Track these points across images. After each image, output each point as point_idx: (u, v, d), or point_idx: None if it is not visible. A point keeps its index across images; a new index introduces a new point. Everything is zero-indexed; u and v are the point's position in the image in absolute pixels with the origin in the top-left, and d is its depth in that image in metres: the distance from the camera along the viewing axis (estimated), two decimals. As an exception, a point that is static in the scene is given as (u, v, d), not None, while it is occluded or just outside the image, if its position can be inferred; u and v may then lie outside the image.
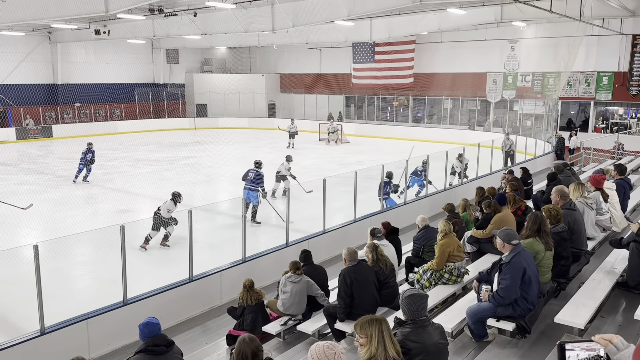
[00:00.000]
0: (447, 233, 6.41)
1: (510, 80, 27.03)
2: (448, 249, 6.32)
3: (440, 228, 6.50)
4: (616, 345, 1.75)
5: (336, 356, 2.82)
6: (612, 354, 1.75)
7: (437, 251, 6.36)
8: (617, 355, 1.74)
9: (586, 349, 1.76)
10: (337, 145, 26.86)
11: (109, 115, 32.00)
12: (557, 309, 5.01)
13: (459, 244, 6.53)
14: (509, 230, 4.93)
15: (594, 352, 1.76)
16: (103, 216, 12.31)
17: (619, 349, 1.75)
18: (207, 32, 22.29)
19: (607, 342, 1.77)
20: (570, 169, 10.90)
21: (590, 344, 1.77)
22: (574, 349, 1.75)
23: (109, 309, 6.78)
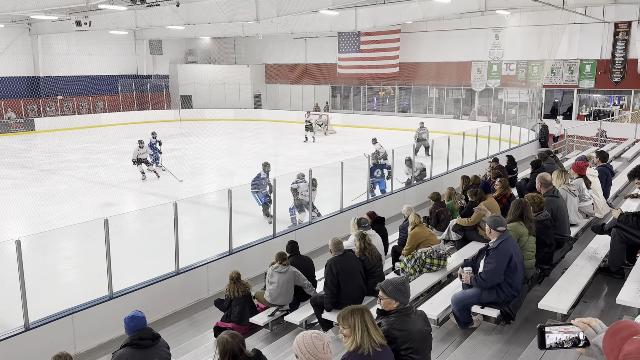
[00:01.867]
0: (417, 224, 6.64)
1: (494, 69, 27.15)
2: (416, 238, 6.54)
3: (411, 220, 6.73)
4: (595, 329, 1.78)
5: (325, 347, 2.82)
6: (590, 336, 1.78)
7: (407, 240, 6.64)
8: (596, 338, 1.77)
9: (565, 332, 1.78)
10: (324, 136, 26.81)
11: (92, 107, 31.61)
12: (541, 295, 5.07)
13: (430, 233, 6.67)
14: (496, 217, 4.98)
15: (572, 334, 1.79)
16: (87, 210, 12.18)
17: (597, 332, 1.77)
18: (191, 22, 22.03)
19: (586, 325, 1.79)
20: (554, 156, 11.00)
21: (569, 327, 1.80)
22: (553, 332, 1.78)
23: (95, 304, 6.74)
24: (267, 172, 12.24)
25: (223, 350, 3.41)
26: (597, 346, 1.76)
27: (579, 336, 1.78)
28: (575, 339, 1.78)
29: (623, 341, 1.64)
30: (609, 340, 1.68)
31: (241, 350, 3.42)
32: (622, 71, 23.26)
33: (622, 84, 23.43)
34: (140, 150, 16.63)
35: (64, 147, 22.24)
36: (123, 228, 10.18)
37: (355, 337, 3.15)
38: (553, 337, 1.78)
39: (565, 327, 1.80)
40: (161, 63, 34.92)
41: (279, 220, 9.59)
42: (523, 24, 24.94)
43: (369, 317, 3.22)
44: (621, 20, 22.71)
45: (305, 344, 2.82)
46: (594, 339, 1.77)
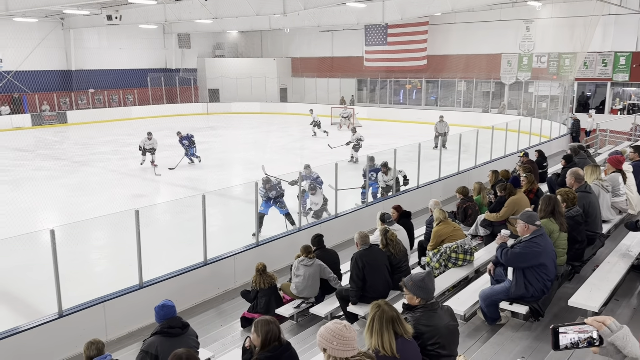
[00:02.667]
0: (442, 220, 6.57)
1: (525, 62, 26.60)
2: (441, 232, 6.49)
3: (435, 216, 6.68)
4: (609, 327, 1.74)
5: (346, 328, 2.79)
6: (605, 335, 1.74)
7: (431, 236, 6.60)
8: (611, 337, 1.73)
9: (579, 332, 1.75)
10: (349, 130, 26.71)
11: (122, 100, 32.18)
12: (571, 292, 4.98)
13: (454, 227, 6.59)
14: (531, 212, 4.88)
15: (587, 334, 1.75)
16: (119, 201, 12.45)
17: (612, 331, 1.73)
18: (219, 16, 22.19)
19: (601, 324, 1.75)
20: (586, 151, 10.76)
21: (583, 327, 1.76)
22: (567, 332, 1.75)
23: (125, 292, 6.90)
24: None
25: (267, 329, 3.49)
26: (613, 345, 1.73)
27: (593, 335, 1.75)
28: (590, 338, 1.75)
29: None
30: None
31: (279, 336, 3.51)
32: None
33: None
34: (148, 141, 17.00)
35: (96, 140, 22.74)
36: (153, 219, 10.39)
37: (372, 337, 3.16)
38: (567, 338, 1.75)
39: (579, 327, 1.76)
40: (189, 57, 35.30)
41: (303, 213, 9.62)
42: (555, 16, 24.36)
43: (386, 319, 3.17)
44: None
45: (327, 331, 2.81)
46: (609, 338, 1.73)
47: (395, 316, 3.22)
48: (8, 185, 14.83)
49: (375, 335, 3.14)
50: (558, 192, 5.84)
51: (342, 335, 2.77)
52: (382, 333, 3.14)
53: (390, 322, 3.17)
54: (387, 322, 3.17)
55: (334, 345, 2.76)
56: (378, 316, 3.19)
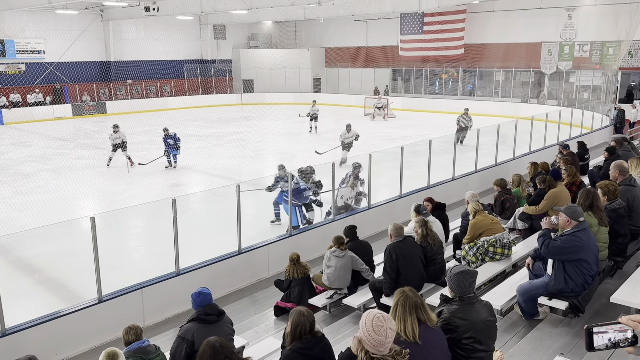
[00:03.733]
0: (478, 211, 6.43)
1: (566, 50, 25.77)
2: (476, 227, 6.34)
3: (469, 209, 6.55)
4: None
5: (382, 330, 2.81)
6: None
7: (468, 229, 6.45)
8: None
9: (614, 331, 1.68)
10: (382, 121, 26.52)
11: (159, 91, 32.76)
12: (613, 289, 4.83)
13: (492, 219, 6.42)
14: (575, 207, 4.73)
15: (622, 333, 1.67)
16: (156, 190, 12.71)
17: None
18: (254, 7, 22.28)
19: (637, 323, 1.67)
20: (630, 143, 10.37)
21: (618, 326, 1.68)
22: (602, 332, 1.68)
23: (162, 279, 7.03)
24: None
25: (297, 321, 3.51)
26: None
27: (628, 335, 1.67)
28: (625, 338, 1.67)
29: None
30: None
31: (312, 327, 3.51)
32: None
33: None
34: (114, 135, 16.10)
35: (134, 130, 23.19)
36: (188, 208, 10.56)
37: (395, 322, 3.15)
38: (602, 338, 1.68)
39: (613, 327, 1.68)
40: (224, 48, 35.61)
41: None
42: (598, 3, 23.49)
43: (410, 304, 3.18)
44: None
45: (365, 323, 2.85)
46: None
47: (420, 303, 3.23)
48: (51, 173, 15.33)
49: (398, 320, 3.16)
50: (598, 185, 5.66)
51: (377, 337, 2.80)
52: (405, 318, 3.15)
53: (414, 308, 3.18)
54: (411, 307, 3.18)
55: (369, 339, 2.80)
56: (402, 301, 3.21)
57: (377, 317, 2.83)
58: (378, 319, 2.81)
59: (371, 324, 2.81)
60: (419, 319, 3.18)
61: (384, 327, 2.81)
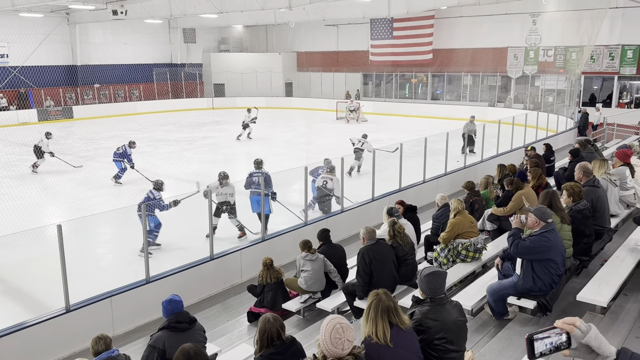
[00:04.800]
0: (460, 211, 6.46)
1: (531, 55, 26.43)
2: (457, 227, 6.38)
3: (453, 206, 6.57)
4: (580, 328, 1.69)
5: (340, 343, 2.86)
6: (578, 337, 1.68)
7: (447, 227, 6.46)
8: (585, 338, 1.67)
9: (551, 336, 1.70)
10: (355, 124, 26.69)
11: (128, 95, 32.22)
12: (579, 287, 4.96)
13: (471, 221, 6.51)
14: (544, 208, 4.84)
15: (558, 337, 1.70)
16: (125, 196, 12.47)
17: (583, 332, 1.68)
18: (224, 11, 22.14)
19: (572, 326, 1.69)
20: (593, 145, 10.68)
21: (555, 330, 1.69)
22: (541, 339, 1.70)
23: (132, 287, 6.91)
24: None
25: (263, 329, 3.51)
26: (587, 345, 1.68)
27: (563, 339, 1.71)
28: (562, 342, 1.71)
29: None
30: None
31: (279, 334, 3.51)
32: (667, 57, 22.33)
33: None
34: (45, 141, 15.72)
35: (101, 135, 22.77)
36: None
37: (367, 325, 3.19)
38: (541, 344, 1.70)
39: (550, 332, 1.71)
40: (195, 52, 35.28)
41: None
42: (562, 9, 24.17)
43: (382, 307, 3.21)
44: (667, 3, 21.75)
45: (324, 333, 2.92)
46: (583, 339, 1.68)
47: (392, 306, 3.26)
48: (15, 180, 14.90)
49: (370, 323, 3.21)
50: (564, 187, 5.82)
51: (333, 347, 2.87)
52: (377, 321, 3.19)
53: (386, 312, 3.22)
54: (383, 311, 3.21)
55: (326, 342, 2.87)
56: (374, 304, 3.25)
57: (336, 328, 2.86)
58: (337, 331, 2.85)
59: (330, 335, 2.86)
60: (390, 322, 3.22)
61: (342, 340, 2.86)
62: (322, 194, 10.46)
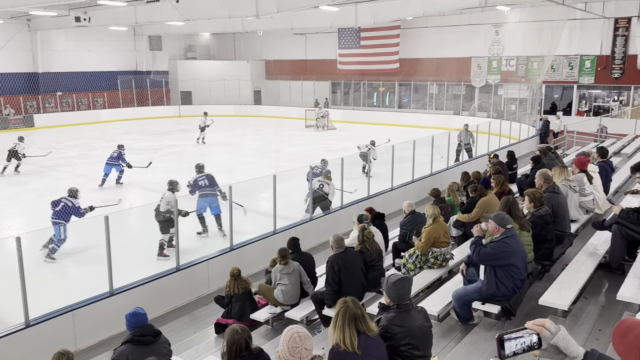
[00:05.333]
0: (436, 217, 6.50)
1: (494, 65, 27.10)
2: (434, 235, 6.42)
3: (429, 212, 6.57)
4: (549, 329, 1.75)
5: (297, 352, 2.88)
6: (547, 338, 1.74)
7: (423, 236, 6.45)
8: (554, 339, 1.73)
9: (521, 337, 1.75)
10: (323, 132, 26.80)
11: (91, 103, 31.55)
12: (542, 291, 5.07)
13: (445, 230, 6.59)
14: (503, 214, 4.95)
15: (528, 338, 1.75)
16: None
17: (552, 333, 1.74)
18: (190, 18, 21.97)
19: (541, 327, 1.76)
20: (554, 152, 11.00)
21: (525, 331, 1.76)
22: (511, 339, 1.75)
23: (95, 300, 6.74)
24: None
25: (231, 340, 3.48)
26: (556, 346, 1.74)
27: (534, 339, 1.76)
28: (532, 342, 1.76)
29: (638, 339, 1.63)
30: (620, 340, 1.66)
31: (247, 345, 3.49)
32: (621, 67, 23.24)
33: (622, 79, 23.41)
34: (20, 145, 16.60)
35: (63, 144, 22.20)
36: (124, 224, 10.18)
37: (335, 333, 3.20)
38: (512, 344, 1.75)
39: (521, 332, 1.77)
40: (161, 59, 34.85)
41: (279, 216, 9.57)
42: (523, 20, 24.89)
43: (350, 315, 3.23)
44: (621, 16, 22.67)
45: (282, 343, 2.94)
46: (552, 340, 1.74)
47: (360, 313, 3.29)
48: (-28, 191, 14.36)
49: (337, 331, 3.23)
50: (526, 193, 5.96)
51: (293, 346, 2.88)
52: (344, 329, 3.21)
53: (353, 319, 3.24)
54: (350, 318, 3.23)
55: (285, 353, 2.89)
56: (342, 312, 3.27)
57: (293, 337, 2.88)
58: (294, 340, 2.87)
59: (287, 344, 2.88)
60: (358, 329, 3.23)
61: (299, 348, 2.88)
62: (317, 194, 10.80)
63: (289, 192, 11.66)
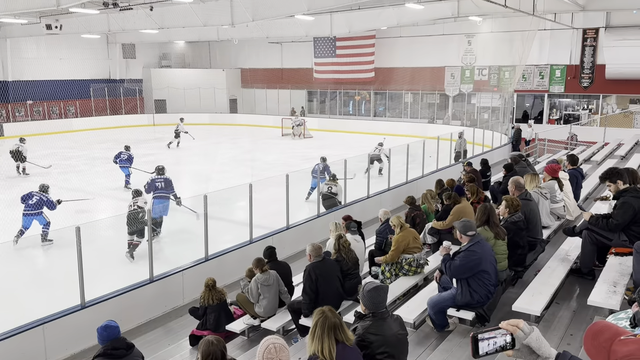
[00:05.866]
0: (403, 225, 6.58)
1: (467, 74, 27.56)
2: (403, 243, 6.48)
3: (395, 223, 6.67)
4: (523, 330, 1.79)
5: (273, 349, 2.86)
6: (520, 338, 1.79)
7: (392, 245, 6.55)
8: (527, 339, 1.78)
9: (496, 336, 1.79)
10: (300, 140, 26.82)
11: (63, 112, 30.97)
12: (515, 297, 5.14)
13: (415, 236, 6.64)
14: (466, 221, 5.03)
15: (503, 338, 1.79)
16: (59, 217, 11.90)
17: (525, 333, 1.79)
18: (165, 27, 21.79)
19: (515, 327, 1.81)
20: (525, 160, 11.20)
21: (499, 331, 1.80)
22: (486, 339, 1.78)
23: (66, 313, 6.58)
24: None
25: (206, 352, 3.42)
26: (528, 347, 1.78)
27: (507, 339, 1.80)
28: (506, 342, 1.80)
29: (609, 342, 1.66)
30: (591, 342, 1.70)
31: (223, 356, 3.45)
32: (590, 76, 23.88)
33: (591, 88, 24.04)
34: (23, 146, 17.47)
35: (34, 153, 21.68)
36: (96, 235, 9.98)
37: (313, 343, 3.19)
38: (486, 344, 1.79)
39: (496, 332, 1.80)
40: (134, 67, 34.46)
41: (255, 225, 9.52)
42: (495, 30, 25.38)
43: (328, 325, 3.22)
44: (589, 26, 23.34)
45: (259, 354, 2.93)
46: (525, 340, 1.78)
47: (338, 323, 3.28)
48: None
49: (316, 341, 3.21)
50: (504, 199, 6.03)
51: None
52: (323, 339, 3.20)
53: (332, 329, 3.23)
54: (329, 328, 3.22)
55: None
56: (320, 322, 3.25)
57: (269, 349, 2.87)
58: (269, 352, 2.87)
59: (262, 355, 2.88)
60: (336, 339, 3.23)
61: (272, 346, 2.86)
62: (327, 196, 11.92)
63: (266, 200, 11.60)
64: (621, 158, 13.44)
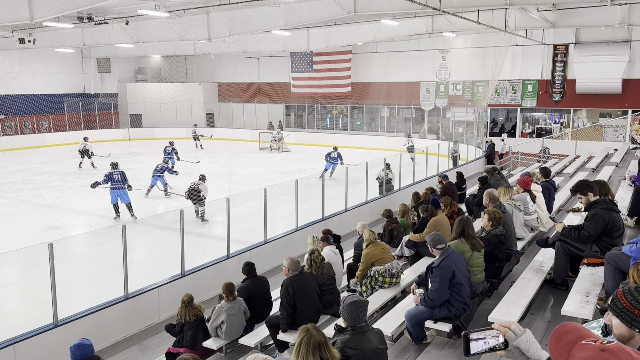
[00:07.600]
0: (372, 241, 6.64)
1: (442, 89, 28.03)
2: (369, 256, 6.56)
3: (366, 237, 6.73)
4: (514, 331, 1.85)
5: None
6: (511, 339, 1.84)
7: (362, 259, 6.63)
8: (517, 340, 1.84)
9: (488, 337, 1.84)
10: (278, 154, 26.82)
11: (36, 127, 30.41)
12: (491, 308, 5.19)
13: (383, 247, 6.69)
14: (435, 235, 5.08)
15: (494, 338, 1.84)
16: (31, 234, 11.63)
17: (517, 335, 1.84)
18: (140, 41, 21.68)
19: (506, 328, 1.86)
20: (499, 172, 11.39)
21: (491, 332, 1.85)
22: (478, 338, 1.83)
23: (38, 332, 6.42)
24: None
25: None
26: (518, 348, 1.84)
27: (500, 340, 1.85)
28: (498, 343, 1.85)
29: (570, 345, 1.69)
30: (555, 343, 1.74)
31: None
32: (561, 91, 24.51)
33: (562, 103, 24.67)
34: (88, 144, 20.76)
35: (6, 169, 21.21)
36: (69, 252, 9.78)
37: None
38: (477, 344, 1.83)
39: (487, 332, 1.85)
40: (110, 81, 34.10)
41: (233, 240, 9.46)
42: (468, 46, 25.94)
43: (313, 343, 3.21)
44: (559, 42, 24.02)
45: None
46: (515, 342, 1.84)
47: (323, 341, 3.26)
48: None
49: (301, 359, 3.16)
50: (486, 212, 6.09)
51: None
52: (308, 358, 3.18)
53: (317, 348, 3.20)
54: (314, 347, 3.20)
55: None
56: (305, 340, 3.22)
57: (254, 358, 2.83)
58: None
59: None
60: (322, 357, 3.20)
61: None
62: (386, 181, 14.36)
63: (243, 215, 11.55)
64: (592, 170, 13.76)
